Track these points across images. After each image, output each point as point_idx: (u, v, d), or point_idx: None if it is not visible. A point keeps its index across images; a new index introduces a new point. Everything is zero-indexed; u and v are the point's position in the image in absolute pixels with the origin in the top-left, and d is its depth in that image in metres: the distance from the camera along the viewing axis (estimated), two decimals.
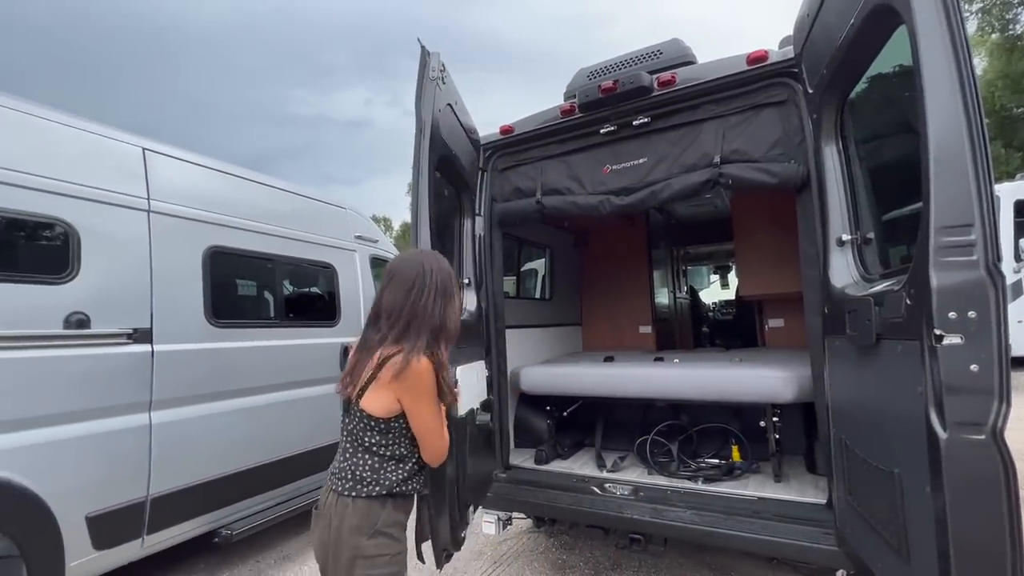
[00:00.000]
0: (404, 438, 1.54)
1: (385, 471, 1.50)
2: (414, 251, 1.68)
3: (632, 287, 4.87)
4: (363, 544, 1.43)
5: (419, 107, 2.17)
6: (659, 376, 2.91)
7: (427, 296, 1.51)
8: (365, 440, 1.51)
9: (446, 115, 2.38)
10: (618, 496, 2.60)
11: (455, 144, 2.53)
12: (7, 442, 2.15)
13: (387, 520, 1.47)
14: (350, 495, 1.47)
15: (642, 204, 2.67)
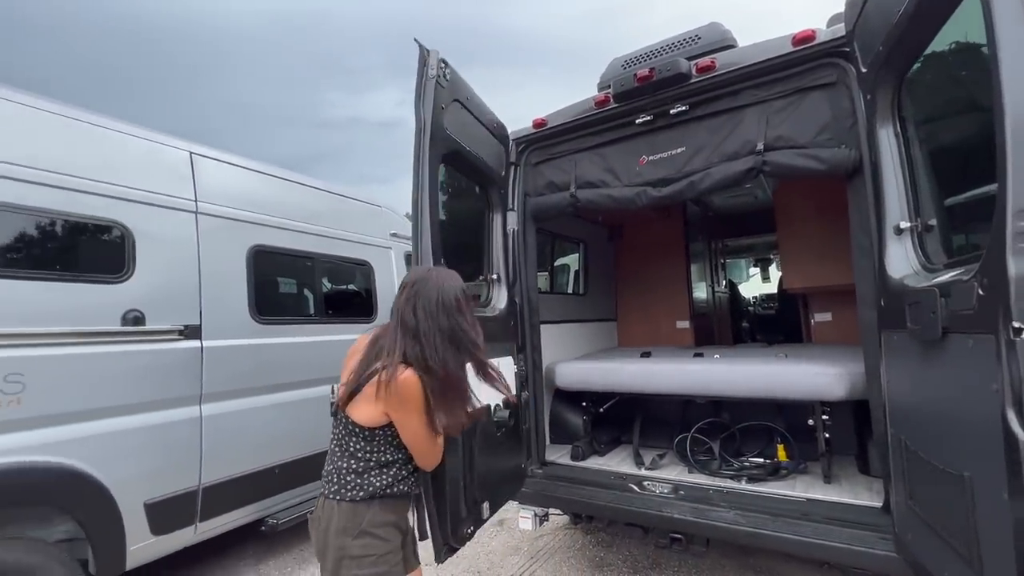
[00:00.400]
0: (389, 446, 1.55)
1: (369, 476, 1.52)
2: (439, 270, 1.66)
3: (669, 281, 4.75)
4: (349, 544, 1.46)
5: (417, 106, 2.13)
6: (699, 372, 2.83)
7: (460, 317, 1.52)
8: (350, 446, 1.53)
9: (453, 112, 2.32)
10: (657, 494, 2.55)
11: (468, 139, 2.47)
12: (72, 432, 2.29)
13: (373, 521, 1.49)
14: (335, 498, 1.50)
15: (680, 195, 2.59)
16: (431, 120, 2.11)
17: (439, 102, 2.18)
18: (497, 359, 2.60)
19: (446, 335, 1.51)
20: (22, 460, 2.13)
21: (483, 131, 2.68)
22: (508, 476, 2.60)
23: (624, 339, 4.91)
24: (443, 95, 2.22)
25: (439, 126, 2.19)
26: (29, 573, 2.12)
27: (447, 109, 2.27)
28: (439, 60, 2.18)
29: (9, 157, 2.23)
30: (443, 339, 1.50)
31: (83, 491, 2.30)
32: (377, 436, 1.52)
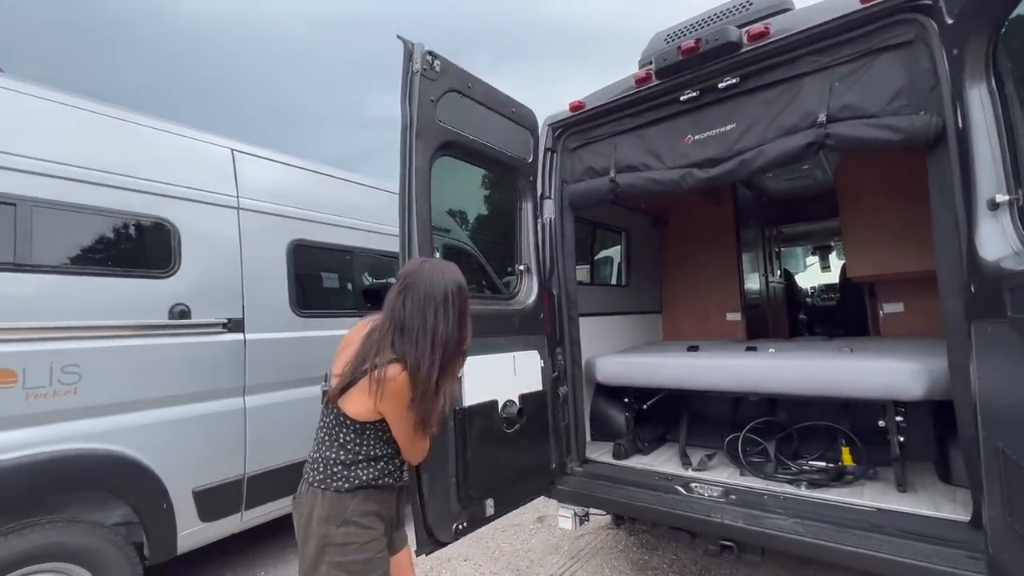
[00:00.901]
0: (379, 440, 1.54)
1: (357, 469, 1.52)
2: (433, 263, 1.59)
3: (718, 271, 4.49)
4: (332, 532, 1.47)
5: (402, 103, 2.09)
6: (752, 367, 2.62)
7: (442, 316, 1.48)
8: (340, 437, 1.52)
9: (450, 102, 2.25)
10: (706, 497, 2.38)
11: (474, 128, 2.39)
12: (124, 421, 2.39)
13: (357, 510, 1.49)
14: (320, 487, 1.50)
15: (730, 175, 2.39)
16: (416, 115, 2.06)
17: (427, 95, 2.12)
18: (520, 353, 2.52)
19: (430, 330, 1.47)
20: (79, 447, 2.23)
21: (496, 118, 2.56)
22: (526, 473, 2.49)
23: (670, 332, 4.69)
24: (433, 87, 2.15)
25: (429, 119, 2.14)
26: (87, 554, 2.23)
27: (440, 101, 2.20)
28: (424, 53, 2.12)
29: (63, 157, 2.33)
30: (425, 334, 1.46)
31: (135, 478, 2.40)
32: (368, 430, 1.52)
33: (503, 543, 3.49)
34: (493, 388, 2.32)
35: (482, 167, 2.63)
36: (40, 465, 2.11)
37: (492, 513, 2.25)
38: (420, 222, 2.09)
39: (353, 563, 1.46)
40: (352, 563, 1.46)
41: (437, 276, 1.52)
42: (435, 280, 1.51)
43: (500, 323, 2.47)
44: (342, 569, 1.45)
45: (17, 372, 2.08)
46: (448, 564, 3.24)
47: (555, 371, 2.85)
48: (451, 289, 1.52)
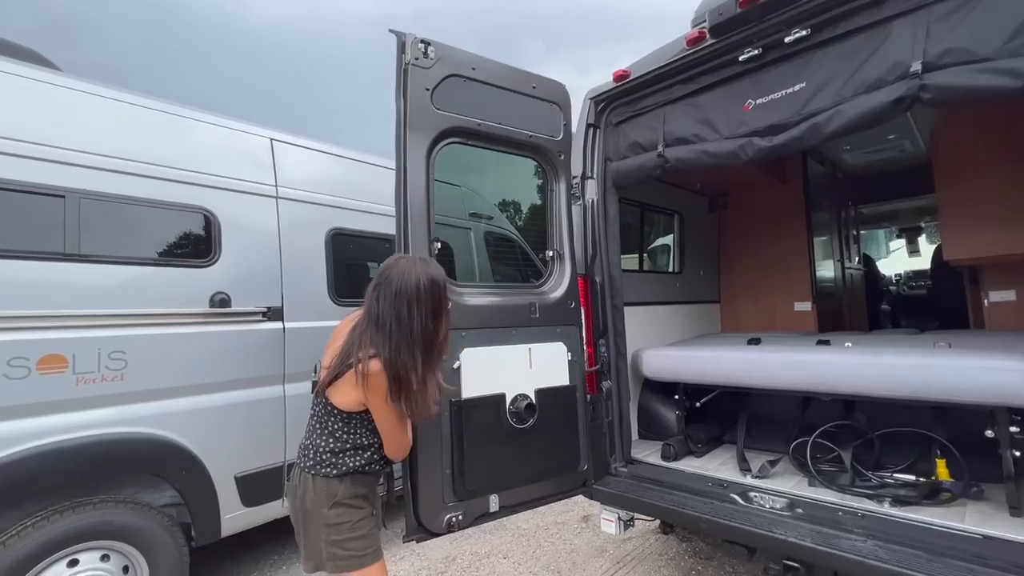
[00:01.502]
0: (366, 430, 1.64)
1: (345, 456, 1.62)
2: (408, 259, 1.66)
3: (785, 257, 4.06)
4: (325, 514, 1.59)
5: (396, 96, 2.06)
6: (825, 364, 2.29)
7: (415, 311, 1.53)
8: (329, 425, 1.62)
9: (451, 88, 2.16)
10: (767, 509, 2.11)
11: (483, 111, 2.27)
12: (168, 407, 2.45)
13: (346, 493, 1.61)
14: (311, 473, 1.61)
15: (798, 143, 2.08)
16: (408, 107, 2.03)
17: (420, 85, 2.07)
18: (538, 345, 2.34)
19: (404, 326, 1.52)
20: (126, 431, 2.31)
21: (513, 97, 2.39)
22: (546, 472, 2.34)
23: (728, 323, 4.32)
24: (427, 76, 2.09)
25: (425, 109, 2.09)
26: (135, 534, 2.31)
27: (438, 88, 2.13)
28: (417, 42, 2.06)
29: (108, 150, 2.40)
30: (399, 329, 1.51)
31: (179, 462, 2.46)
32: (354, 420, 1.61)
33: (545, 541, 3.35)
34: (499, 381, 2.19)
35: (501, 151, 2.46)
36: (89, 447, 2.20)
37: (497, 510, 2.15)
38: (415, 215, 2.07)
39: (349, 540, 1.59)
40: (348, 540, 1.59)
41: (409, 272, 1.56)
42: (407, 276, 1.55)
43: (509, 313, 2.31)
44: (339, 547, 1.58)
45: (67, 358, 2.16)
46: (487, 560, 3.14)
47: (597, 364, 2.65)
48: (423, 284, 1.55)
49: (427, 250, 2.14)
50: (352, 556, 1.59)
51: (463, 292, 2.21)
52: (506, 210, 5.82)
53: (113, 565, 2.27)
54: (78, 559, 2.19)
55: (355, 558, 1.59)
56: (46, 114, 2.26)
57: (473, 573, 2.99)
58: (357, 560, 1.60)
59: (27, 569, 2.04)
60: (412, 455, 1.96)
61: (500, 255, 4.54)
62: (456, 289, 2.19)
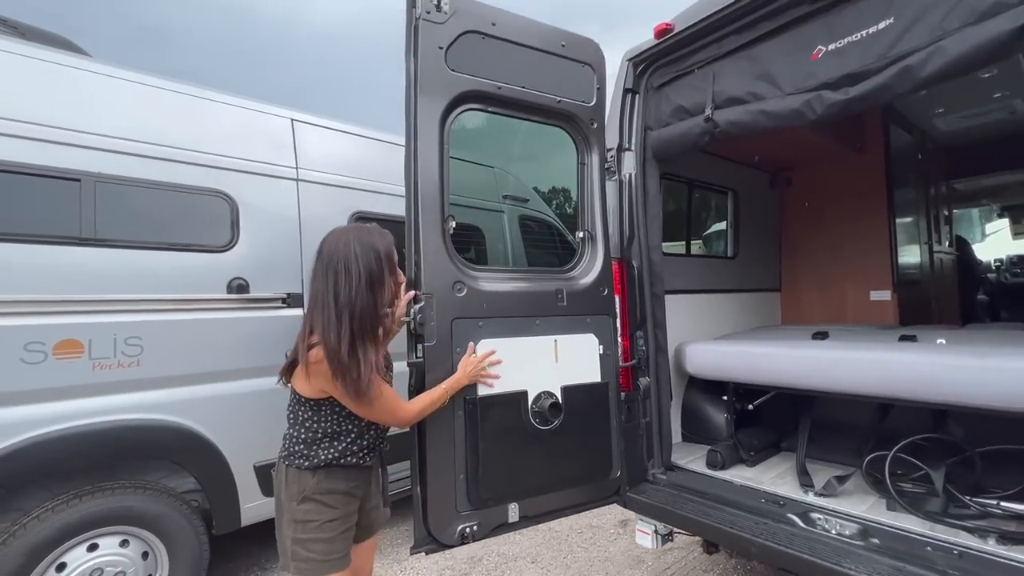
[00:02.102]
0: (337, 416, 1.54)
1: (317, 448, 1.53)
2: (342, 229, 1.60)
3: (861, 240, 3.56)
4: (294, 508, 1.49)
5: (405, 56, 1.86)
6: (911, 365, 1.90)
7: (344, 281, 1.44)
8: (299, 414, 1.57)
9: (466, 47, 1.92)
10: (833, 536, 1.78)
11: (503, 72, 2.03)
12: (185, 394, 2.41)
13: (317, 488, 1.50)
14: (284, 462, 1.56)
15: (882, 93, 1.69)
16: (419, 68, 1.84)
17: (433, 43, 1.85)
18: (565, 336, 2.08)
19: (332, 297, 1.43)
20: (142, 417, 2.28)
21: (539, 57, 2.12)
22: (572, 480, 2.10)
23: (790, 314, 3.86)
24: (440, 32, 1.86)
25: (438, 70, 1.87)
26: (153, 520, 2.29)
27: (453, 46, 1.89)
28: None
29: (124, 132, 2.36)
30: (328, 302, 1.43)
31: (197, 450, 2.43)
32: (323, 407, 1.54)
33: (577, 546, 3.12)
34: (520, 377, 1.96)
35: (525, 118, 2.20)
36: (106, 433, 2.18)
37: (516, 520, 1.94)
38: (425, 190, 1.86)
39: (312, 541, 1.48)
40: (311, 541, 1.48)
41: (341, 242, 1.49)
42: (337, 246, 1.48)
43: (533, 301, 2.07)
44: (300, 546, 1.48)
45: (83, 343, 2.15)
46: (514, 563, 2.95)
47: (634, 358, 2.37)
48: (355, 252, 1.46)
49: (440, 230, 1.93)
50: (313, 560, 1.48)
51: (478, 276, 1.99)
52: (550, 194, 5.54)
53: (132, 551, 2.27)
54: (98, 544, 2.19)
55: (317, 563, 1.48)
56: (61, 97, 2.23)
57: None
58: (318, 566, 1.48)
59: (48, 552, 2.05)
60: (422, 457, 1.80)
61: (536, 240, 4.29)
62: (470, 273, 1.97)
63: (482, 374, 1.82)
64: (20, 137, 2.10)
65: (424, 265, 1.87)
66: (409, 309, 1.81)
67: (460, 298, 1.90)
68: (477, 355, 1.84)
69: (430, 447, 1.80)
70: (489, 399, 1.89)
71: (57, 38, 2.68)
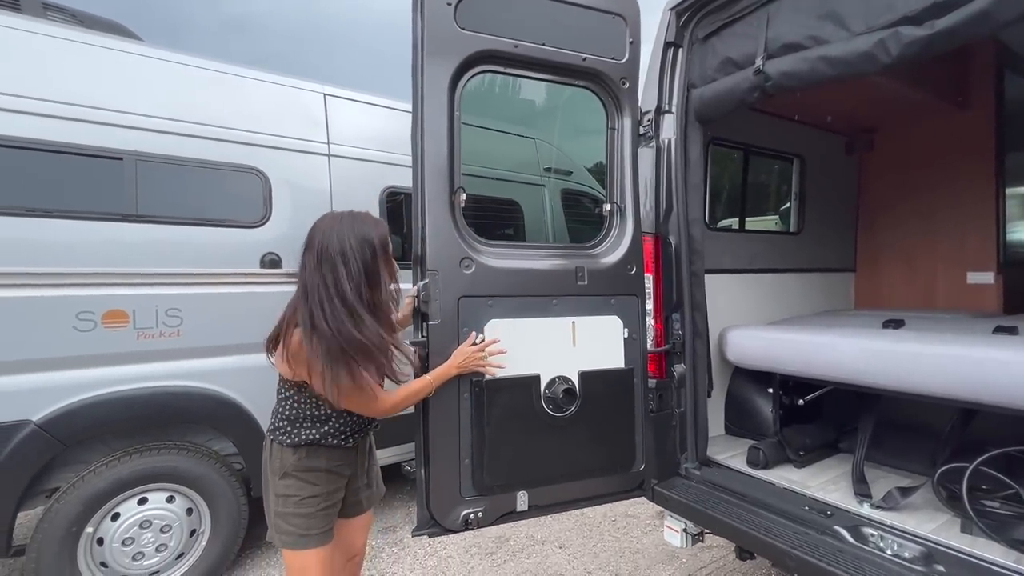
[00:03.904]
0: (317, 400, 1.50)
1: (301, 427, 1.51)
2: (334, 216, 1.54)
3: (959, 211, 3.04)
4: (276, 483, 1.50)
5: (413, 13, 1.75)
6: (1002, 364, 1.56)
7: (342, 276, 1.40)
8: (283, 391, 1.55)
9: (478, 1, 1.78)
10: (888, 557, 1.54)
11: (527, 29, 1.86)
12: (222, 364, 2.53)
13: (298, 465, 1.49)
14: (269, 436, 1.56)
15: (980, 25, 1.34)
16: (426, 26, 1.72)
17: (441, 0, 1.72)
18: (585, 318, 1.92)
19: (330, 287, 1.39)
20: (183, 384, 2.42)
21: (561, 8, 1.92)
22: (590, 470, 1.98)
23: (866, 298, 3.41)
24: None
25: (447, 29, 1.74)
26: (196, 479, 2.45)
27: (463, 3, 1.75)
28: None
29: (162, 111, 2.45)
30: (324, 292, 1.38)
31: (233, 416, 2.55)
32: (304, 389, 1.51)
33: (609, 535, 3.00)
34: (532, 361, 1.84)
35: (548, 79, 2.01)
36: (149, 398, 2.34)
37: (526, 508, 1.86)
38: (432, 161, 1.77)
39: (293, 515, 1.48)
40: (291, 515, 1.48)
41: (334, 231, 1.44)
42: (330, 236, 1.43)
43: (549, 279, 1.92)
44: (281, 519, 1.49)
45: (129, 313, 2.29)
46: (542, 547, 2.90)
47: (668, 343, 2.17)
48: (349, 244, 1.42)
49: (448, 203, 1.83)
50: (293, 534, 1.48)
51: (490, 253, 1.88)
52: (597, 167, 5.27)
53: (178, 507, 2.44)
54: (147, 498, 2.37)
55: (296, 536, 1.48)
56: (103, 78, 2.33)
57: (523, 559, 2.77)
58: (297, 540, 1.48)
59: (104, 503, 2.26)
60: (426, 439, 1.75)
61: (579, 215, 4.08)
62: (480, 248, 1.86)
63: (481, 364, 1.71)
64: (68, 119, 2.23)
65: (429, 240, 1.80)
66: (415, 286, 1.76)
67: (468, 275, 1.81)
68: (479, 342, 1.73)
69: (434, 430, 1.75)
70: (497, 383, 1.80)
71: (111, 24, 2.82)
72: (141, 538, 2.34)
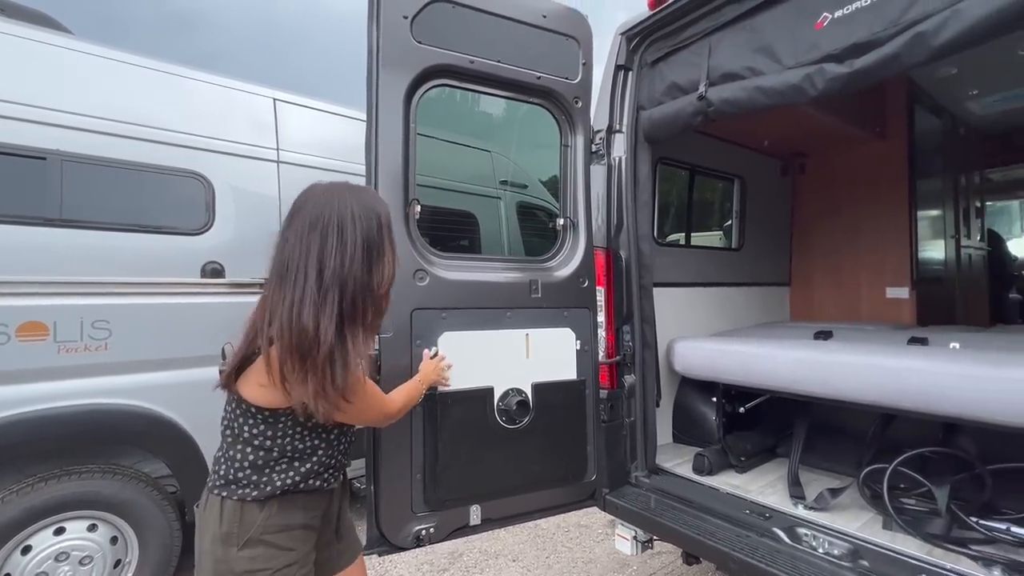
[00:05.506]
0: (302, 429, 1.17)
1: (273, 472, 1.15)
2: (336, 185, 1.19)
3: (879, 232, 3.32)
4: (233, 557, 1.09)
5: (368, 25, 1.74)
6: (916, 372, 1.71)
7: (340, 244, 1.10)
8: (245, 431, 1.15)
9: (435, 17, 1.80)
10: (820, 555, 1.63)
11: (482, 46, 1.90)
12: (156, 379, 2.37)
13: (267, 526, 1.12)
14: (220, 495, 1.14)
15: (891, 64, 1.49)
16: (382, 38, 1.72)
17: (398, 12, 1.73)
18: (539, 330, 1.96)
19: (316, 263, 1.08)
20: (111, 402, 2.25)
21: (517, 27, 1.97)
22: (542, 482, 1.99)
23: (799, 311, 3.65)
24: (405, 1, 1.74)
25: (403, 42, 1.75)
26: (122, 505, 2.27)
27: (420, 16, 1.77)
28: None
29: (94, 110, 2.29)
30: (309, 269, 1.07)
31: (169, 435, 2.38)
32: (283, 418, 1.14)
33: (562, 546, 3.02)
34: (486, 373, 1.85)
35: (503, 96, 2.06)
36: (72, 417, 2.15)
37: (479, 523, 1.85)
38: (386, 172, 1.75)
39: None
40: None
41: (334, 197, 1.13)
42: (328, 203, 1.12)
43: (503, 292, 1.95)
44: None
45: (48, 325, 2.11)
46: (495, 560, 2.87)
47: (619, 354, 2.23)
48: (351, 212, 1.12)
49: (402, 215, 1.82)
50: None
51: (442, 264, 1.87)
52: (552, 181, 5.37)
53: (100, 536, 2.25)
54: (65, 527, 2.17)
55: None
56: (26, 72, 2.17)
57: (477, 575, 2.74)
58: None
59: (12, 535, 2.04)
60: (375, 454, 1.71)
61: (534, 228, 4.14)
62: (434, 260, 1.86)
63: (446, 378, 1.69)
64: None
65: None
66: None
67: (422, 287, 1.79)
68: (434, 356, 1.70)
69: (385, 444, 1.71)
70: (450, 396, 1.78)
71: (36, 14, 2.63)
72: (56, 572, 2.13)
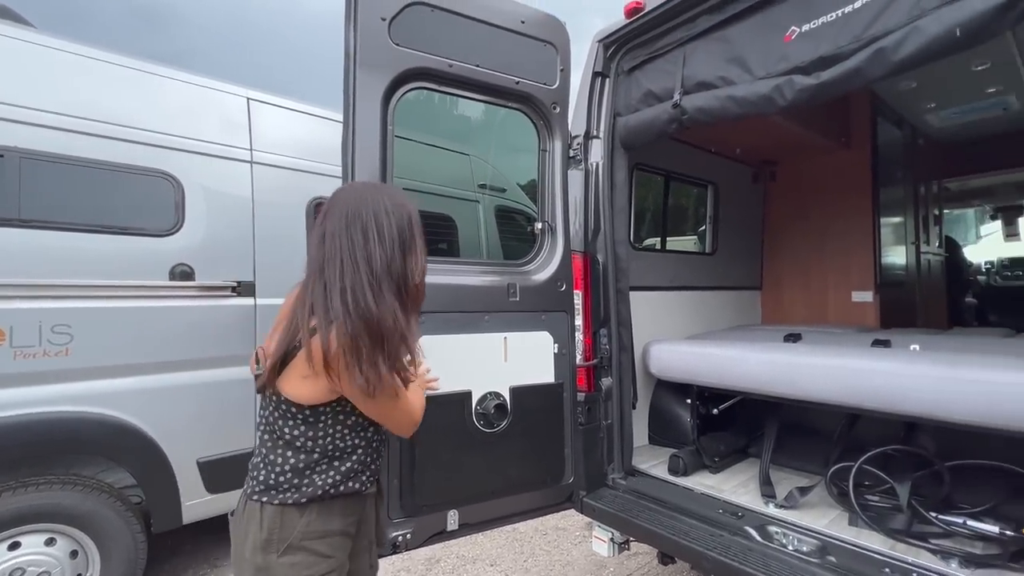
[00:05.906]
0: (342, 427, 1.17)
1: (315, 473, 1.15)
2: (366, 184, 1.31)
3: (844, 239, 3.44)
4: (273, 564, 1.09)
5: (345, 27, 1.73)
6: (880, 373, 1.78)
7: (374, 241, 1.10)
8: (286, 433, 1.14)
9: (413, 19, 1.80)
10: (790, 552, 1.67)
11: (461, 50, 1.90)
12: (120, 386, 2.28)
13: (309, 532, 1.12)
14: (260, 500, 1.13)
15: (854, 78, 1.55)
16: (358, 41, 1.70)
17: (376, 14, 1.72)
18: (517, 334, 1.97)
19: (360, 255, 1.08)
20: (72, 410, 2.16)
21: (495, 32, 1.98)
22: (520, 485, 2.00)
23: (771, 314, 3.75)
24: (383, 3, 1.73)
25: (380, 44, 1.74)
26: (82, 517, 2.18)
27: (398, 19, 1.76)
28: None
29: (57, 106, 2.21)
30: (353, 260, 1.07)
31: (132, 444, 2.30)
32: (323, 416, 1.14)
33: (540, 549, 3.02)
34: (463, 377, 1.85)
35: (481, 100, 2.06)
36: (29, 426, 2.06)
37: (456, 528, 1.84)
38: (364, 172, 1.72)
39: None
40: None
41: (367, 196, 1.15)
42: (363, 201, 1.13)
43: (480, 296, 1.95)
44: None
45: (4, 330, 2.01)
46: (473, 565, 2.86)
47: (596, 357, 2.25)
48: (386, 207, 1.14)
49: None
50: None
51: None
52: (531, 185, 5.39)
53: (59, 550, 2.15)
54: (20, 542, 2.07)
55: None
56: None
57: None
58: None
59: None
60: None
61: (514, 232, 4.15)
62: None
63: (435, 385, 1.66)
64: None
65: None
66: None
67: None
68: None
69: None
70: (428, 399, 1.77)
71: None
72: None
